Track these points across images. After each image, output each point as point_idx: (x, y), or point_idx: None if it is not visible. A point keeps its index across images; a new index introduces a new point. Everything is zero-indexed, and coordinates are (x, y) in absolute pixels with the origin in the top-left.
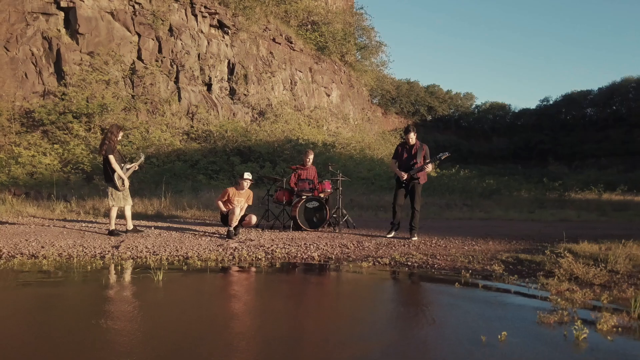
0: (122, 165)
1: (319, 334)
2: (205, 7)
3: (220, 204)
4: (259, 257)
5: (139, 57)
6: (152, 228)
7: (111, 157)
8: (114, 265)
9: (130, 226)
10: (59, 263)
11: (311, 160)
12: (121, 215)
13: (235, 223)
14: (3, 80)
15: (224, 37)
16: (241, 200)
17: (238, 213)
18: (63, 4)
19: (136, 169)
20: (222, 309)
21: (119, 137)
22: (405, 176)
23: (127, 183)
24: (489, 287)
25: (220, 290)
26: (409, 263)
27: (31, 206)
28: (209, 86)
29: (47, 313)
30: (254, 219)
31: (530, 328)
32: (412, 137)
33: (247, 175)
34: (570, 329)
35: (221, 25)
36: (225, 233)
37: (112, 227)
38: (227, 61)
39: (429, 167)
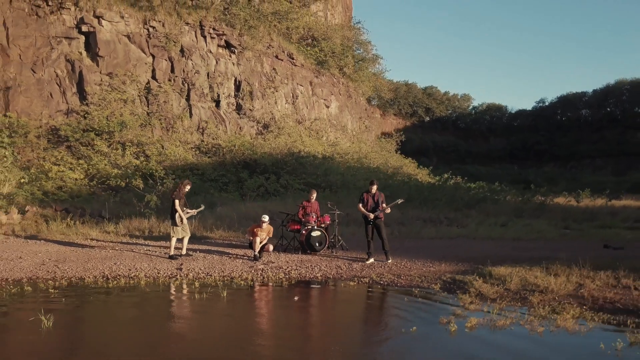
0: (184, 209)
1: (322, 325)
2: (213, 29)
3: (249, 236)
4: (280, 277)
5: (154, 77)
6: (197, 252)
7: (176, 202)
8: (188, 284)
9: (184, 252)
10: (150, 282)
11: (314, 197)
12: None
13: (257, 249)
14: (30, 100)
15: (230, 56)
16: (263, 233)
17: (258, 243)
18: (84, 28)
19: (194, 214)
20: (275, 314)
21: (186, 189)
22: (372, 216)
23: (185, 221)
24: (424, 300)
25: (266, 302)
26: (382, 282)
27: (86, 227)
28: (217, 102)
29: (174, 318)
30: (270, 247)
31: (432, 325)
32: (374, 188)
33: (264, 217)
34: (451, 324)
35: (228, 45)
36: (252, 256)
37: (172, 252)
38: (234, 79)
39: (388, 210)
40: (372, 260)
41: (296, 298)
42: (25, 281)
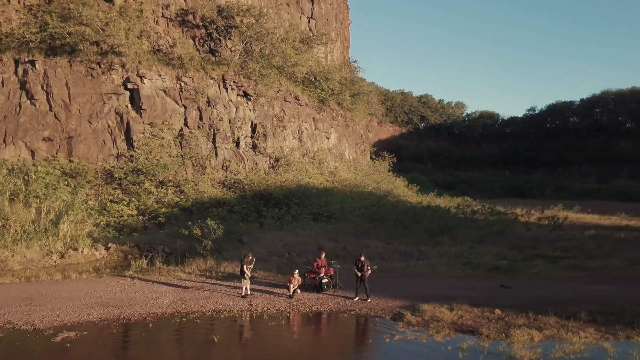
0: (249, 266)
1: (329, 339)
2: (233, 82)
3: (288, 282)
4: (307, 310)
5: (185, 124)
6: (255, 292)
7: (244, 267)
8: (260, 316)
9: (249, 292)
10: (239, 315)
11: (323, 256)
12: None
13: (291, 292)
14: (88, 147)
15: (247, 103)
16: (295, 281)
17: (290, 287)
18: (129, 86)
19: (252, 267)
20: (307, 333)
21: (249, 259)
22: (360, 274)
23: (248, 276)
24: (380, 325)
25: (302, 326)
26: (361, 314)
27: (170, 266)
28: (237, 143)
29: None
30: (298, 291)
31: (379, 339)
32: (362, 258)
33: (296, 272)
34: (387, 339)
35: (245, 94)
36: (287, 296)
37: (243, 293)
38: (250, 122)
39: (370, 271)
40: (357, 298)
41: (313, 327)
42: (177, 315)
